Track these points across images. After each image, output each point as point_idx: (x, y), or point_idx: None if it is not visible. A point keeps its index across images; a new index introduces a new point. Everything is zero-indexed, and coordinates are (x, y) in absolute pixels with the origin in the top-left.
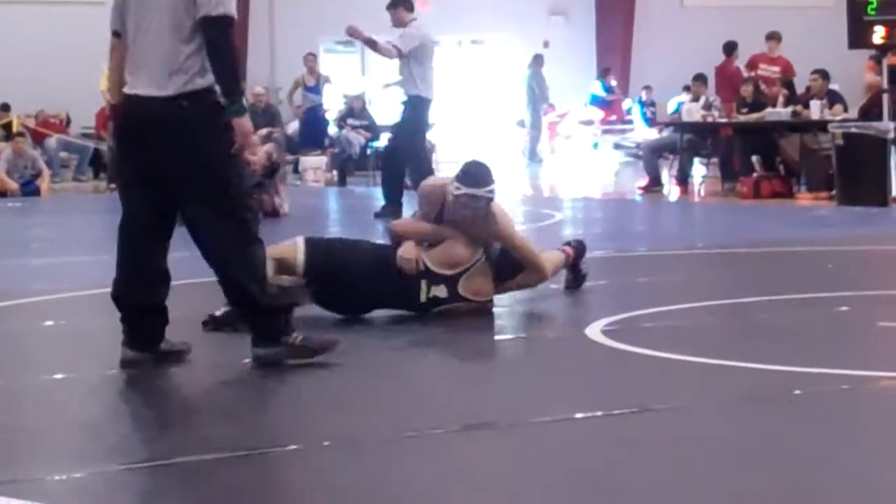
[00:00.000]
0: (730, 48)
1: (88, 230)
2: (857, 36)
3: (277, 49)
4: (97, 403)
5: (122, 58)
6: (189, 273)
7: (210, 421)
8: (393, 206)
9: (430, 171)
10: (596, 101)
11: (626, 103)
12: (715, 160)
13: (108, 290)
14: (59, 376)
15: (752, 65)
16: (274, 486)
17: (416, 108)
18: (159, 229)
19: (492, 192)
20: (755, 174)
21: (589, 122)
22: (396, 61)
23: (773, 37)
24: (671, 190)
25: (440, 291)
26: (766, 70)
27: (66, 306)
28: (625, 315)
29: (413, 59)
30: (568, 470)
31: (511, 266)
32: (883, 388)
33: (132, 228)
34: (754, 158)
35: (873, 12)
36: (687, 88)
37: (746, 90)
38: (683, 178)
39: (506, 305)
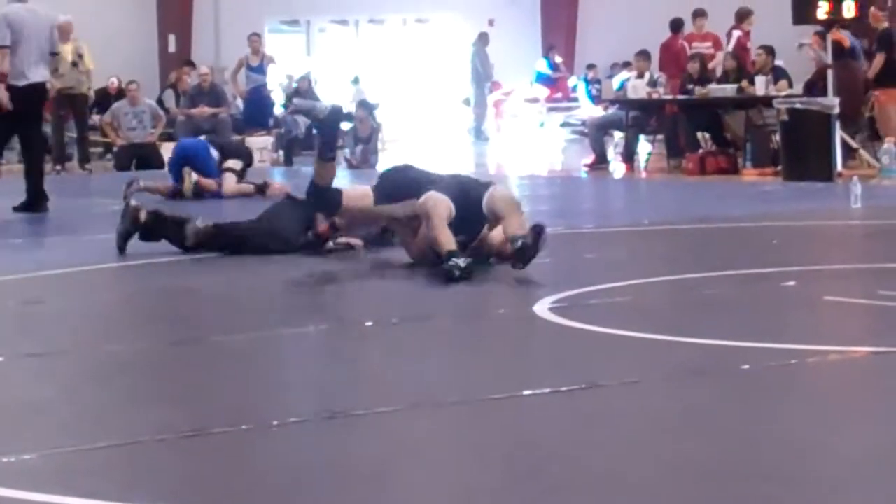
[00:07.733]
0: (676, 25)
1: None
2: (802, 11)
3: (222, 29)
4: (45, 384)
5: None
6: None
7: (159, 401)
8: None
9: None
10: (541, 78)
11: (572, 81)
12: (660, 137)
13: (55, 272)
14: (3, 358)
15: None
16: (224, 465)
17: None
18: None
19: None
20: (701, 150)
21: (535, 100)
22: None
23: (700, 14)
24: (617, 167)
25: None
26: (699, 47)
27: (10, 288)
28: (572, 292)
29: None
30: (517, 447)
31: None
32: (829, 362)
33: None
34: (700, 135)
35: None
36: (627, 65)
37: (693, 67)
38: (629, 156)
39: (455, 282)
